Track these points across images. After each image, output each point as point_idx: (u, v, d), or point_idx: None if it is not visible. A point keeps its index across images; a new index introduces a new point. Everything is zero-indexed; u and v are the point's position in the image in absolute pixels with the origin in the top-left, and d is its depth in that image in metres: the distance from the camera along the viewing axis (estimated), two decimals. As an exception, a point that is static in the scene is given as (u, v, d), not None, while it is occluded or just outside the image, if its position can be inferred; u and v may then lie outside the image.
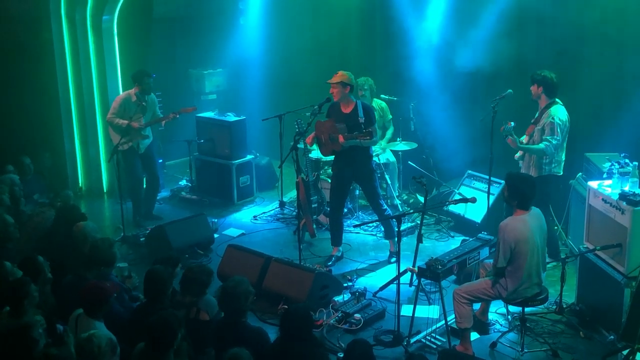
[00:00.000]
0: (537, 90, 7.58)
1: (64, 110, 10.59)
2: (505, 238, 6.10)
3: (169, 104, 10.54)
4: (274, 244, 8.85)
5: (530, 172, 7.67)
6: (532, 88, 7.62)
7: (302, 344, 5.23)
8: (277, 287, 7.27)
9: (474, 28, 9.02)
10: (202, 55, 11.97)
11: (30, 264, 6.21)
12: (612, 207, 6.42)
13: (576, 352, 6.36)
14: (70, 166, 10.82)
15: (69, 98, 10.57)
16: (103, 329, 5.39)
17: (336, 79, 7.75)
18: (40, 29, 10.29)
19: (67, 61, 10.44)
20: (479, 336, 6.62)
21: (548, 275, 7.44)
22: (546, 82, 7.51)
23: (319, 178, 9.12)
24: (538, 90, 7.57)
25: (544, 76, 7.51)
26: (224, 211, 10.04)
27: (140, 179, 9.59)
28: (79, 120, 10.68)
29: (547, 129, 7.47)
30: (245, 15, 11.64)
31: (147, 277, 5.87)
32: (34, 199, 9.64)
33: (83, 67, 10.41)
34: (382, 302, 7.24)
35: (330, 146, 7.92)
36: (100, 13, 10.20)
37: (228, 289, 5.61)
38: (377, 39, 10.34)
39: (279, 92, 11.12)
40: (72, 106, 10.61)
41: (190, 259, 8.27)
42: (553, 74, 7.53)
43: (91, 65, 10.39)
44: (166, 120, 9.37)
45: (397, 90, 9.93)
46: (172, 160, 11.85)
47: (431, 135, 9.92)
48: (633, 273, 6.12)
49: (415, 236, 7.27)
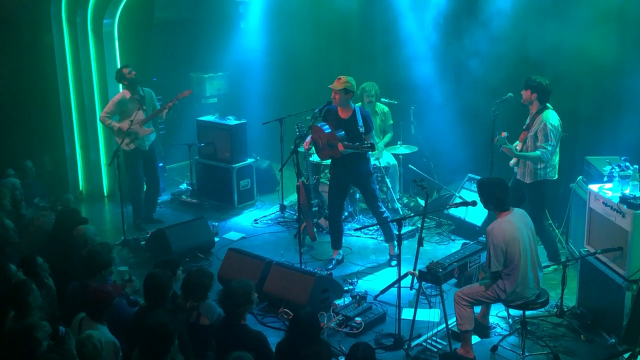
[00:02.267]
0: (530, 95, 7.53)
1: (64, 113, 10.60)
2: (494, 242, 6.11)
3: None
4: (274, 247, 8.84)
5: (525, 178, 7.67)
6: (524, 92, 7.57)
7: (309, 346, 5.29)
8: (277, 291, 7.27)
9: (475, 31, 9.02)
10: (202, 59, 11.99)
11: (28, 265, 6.21)
12: (612, 210, 6.42)
13: (577, 356, 6.36)
14: (70, 170, 10.82)
15: (70, 102, 10.58)
16: (107, 333, 5.39)
17: (339, 86, 7.70)
18: (41, 33, 10.30)
19: (68, 64, 10.46)
20: (479, 339, 6.62)
21: (549, 278, 7.46)
22: (541, 88, 7.48)
23: (320, 181, 9.12)
24: (532, 96, 7.52)
25: (539, 83, 7.47)
26: (224, 215, 10.04)
27: (141, 181, 9.58)
28: (79, 123, 10.68)
29: (540, 135, 7.45)
30: (246, 19, 11.64)
31: (147, 280, 5.87)
32: (35, 202, 9.64)
33: (84, 71, 10.42)
34: (382, 306, 7.24)
35: (329, 152, 7.91)
36: (101, 16, 10.21)
37: (231, 289, 5.64)
38: (378, 42, 10.34)
39: (280, 95, 11.13)
40: (73, 110, 10.62)
41: (191, 262, 8.28)
42: (547, 80, 7.52)
43: (92, 69, 10.40)
44: (166, 110, 9.31)
45: (397, 93, 9.94)
46: (172, 163, 11.86)
47: (432, 138, 9.93)
48: (634, 276, 6.13)
49: (416, 239, 7.27)
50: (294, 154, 7.99)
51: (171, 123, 10.78)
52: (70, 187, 10.74)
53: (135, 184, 9.52)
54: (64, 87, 10.50)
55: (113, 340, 5.34)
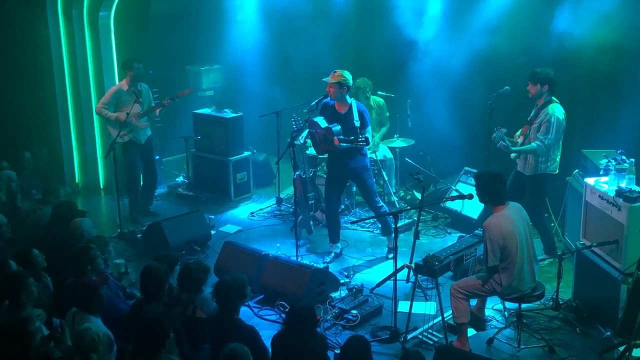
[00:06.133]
0: (540, 89, 7.48)
1: (60, 106, 10.58)
2: (491, 237, 6.12)
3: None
4: (271, 240, 8.83)
5: (526, 170, 7.68)
6: (532, 87, 7.53)
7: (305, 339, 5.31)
8: (274, 284, 7.27)
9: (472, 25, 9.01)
10: (199, 52, 11.95)
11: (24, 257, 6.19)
12: (608, 203, 6.43)
13: (573, 348, 6.37)
14: (67, 162, 10.81)
15: (66, 94, 10.56)
16: (100, 325, 5.39)
17: (334, 79, 7.69)
18: (37, 25, 10.26)
19: (64, 57, 10.42)
20: (475, 332, 6.64)
21: (545, 271, 7.47)
22: (550, 79, 7.46)
23: (316, 175, 9.12)
24: (542, 88, 7.48)
25: (547, 74, 7.45)
26: (221, 207, 10.04)
27: (138, 173, 9.57)
28: (75, 116, 10.66)
29: (542, 127, 7.45)
30: (242, 11, 11.61)
31: (143, 273, 5.86)
32: (32, 195, 9.62)
33: (80, 64, 10.39)
34: (379, 299, 7.24)
35: (325, 146, 7.92)
36: (97, 9, 10.17)
37: (224, 283, 5.65)
38: (375, 34, 10.32)
39: (276, 88, 11.11)
40: (69, 102, 10.60)
41: (187, 255, 8.27)
42: (552, 70, 7.52)
43: (88, 62, 10.37)
44: (161, 107, 9.31)
45: (394, 86, 9.92)
46: (169, 156, 11.82)
47: (428, 131, 9.92)
48: (629, 269, 6.13)
49: (412, 233, 7.26)
50: (291, 147, 7.98)
51: (167, 116, 10.73)
52: (67, 179, 10.74)
53: (131, 176, 9.51)
54: (60, 80, 10.47)
55: (107, 333, 5.33)
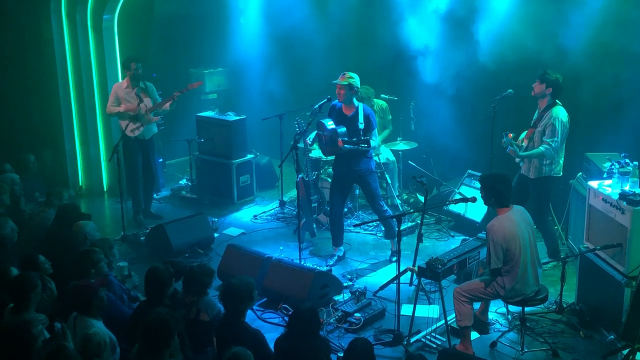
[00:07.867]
0: (544, 89, 7.52)
1: (64, 109, 10.60)
2: (494, 239, 6.12)
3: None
4: (274, 243, 8.84)
5: (530, 173, 7.69)
6: (537, 85, 7.57)
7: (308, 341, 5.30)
8: (277, 287, 7.27)
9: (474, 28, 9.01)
10: (202, 55, 11.97)
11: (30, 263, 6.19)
12: (612, 206, 6.42)
13: (576, 352, 6.37)
14: (70, 165, 10.82)
15: (70, 97, 10.58)
16: (102, 328, 5.39)
17: (344, 81, 7.73)
18: (40, 28, 10.29)
19: (68, 60, 10.45)
20: (479, 335, 6.63)
21: (548, 275, 7.46)
22: (557, 85, 7.50)
23: (319, 177, 9.13)
24: (546, 90, 7.52)
25: (556, 79, 7.49)
26: (224, 210, 10.04)
27: (138, 171, 9.54)
28: (79, 119, 10.68)
29: (547, 131, 7.46)
30: (246, 14, 11.63)
31: (148, 276, 5.87)
32: (35, 197, 9.63)
33: (83, 66, 10.41)
34: (382, 302, 7.24)
35: (330, 148, 7.95)
36: (101, 12, 10.20)
37: (232, 286, 5.64)
38: (377, 38, 10.32)
39: (279, 91, 11.13)
40: (73, 105, 10.62)
41: (190, 258, 8.28)
42: (562, 77, 7.55)
43: (92, 65, 10.40)
44: (172, 100, 9.31)
45: (397, 89, 9.93)
46: (172, 159, 11.85)
47: (431, 135, 9.92)
48: (633, 273, 6.13)
49: (416, 236, 7.27)
50: (294, 150, 7.99)
51: (171, 119, 10.77)
52: (70, 182, 10.75)
53: (132, 173, 9.51)
54: (64, 82, 10.50)
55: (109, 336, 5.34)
